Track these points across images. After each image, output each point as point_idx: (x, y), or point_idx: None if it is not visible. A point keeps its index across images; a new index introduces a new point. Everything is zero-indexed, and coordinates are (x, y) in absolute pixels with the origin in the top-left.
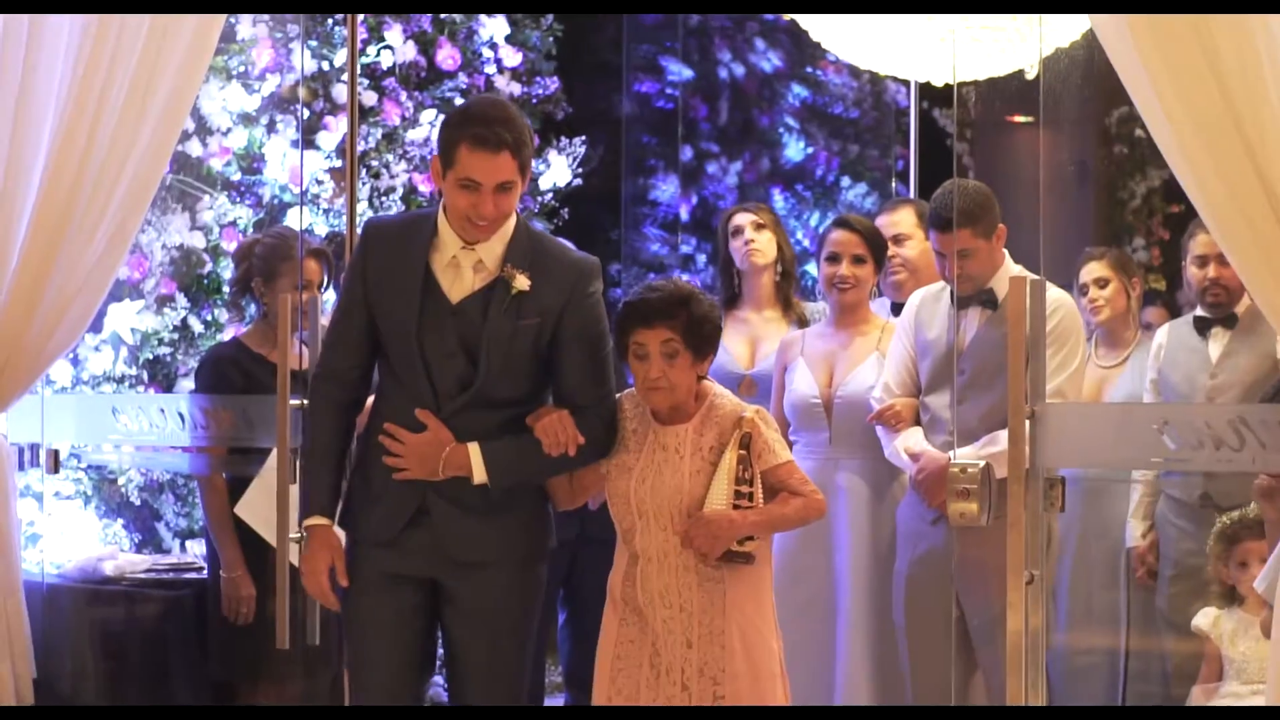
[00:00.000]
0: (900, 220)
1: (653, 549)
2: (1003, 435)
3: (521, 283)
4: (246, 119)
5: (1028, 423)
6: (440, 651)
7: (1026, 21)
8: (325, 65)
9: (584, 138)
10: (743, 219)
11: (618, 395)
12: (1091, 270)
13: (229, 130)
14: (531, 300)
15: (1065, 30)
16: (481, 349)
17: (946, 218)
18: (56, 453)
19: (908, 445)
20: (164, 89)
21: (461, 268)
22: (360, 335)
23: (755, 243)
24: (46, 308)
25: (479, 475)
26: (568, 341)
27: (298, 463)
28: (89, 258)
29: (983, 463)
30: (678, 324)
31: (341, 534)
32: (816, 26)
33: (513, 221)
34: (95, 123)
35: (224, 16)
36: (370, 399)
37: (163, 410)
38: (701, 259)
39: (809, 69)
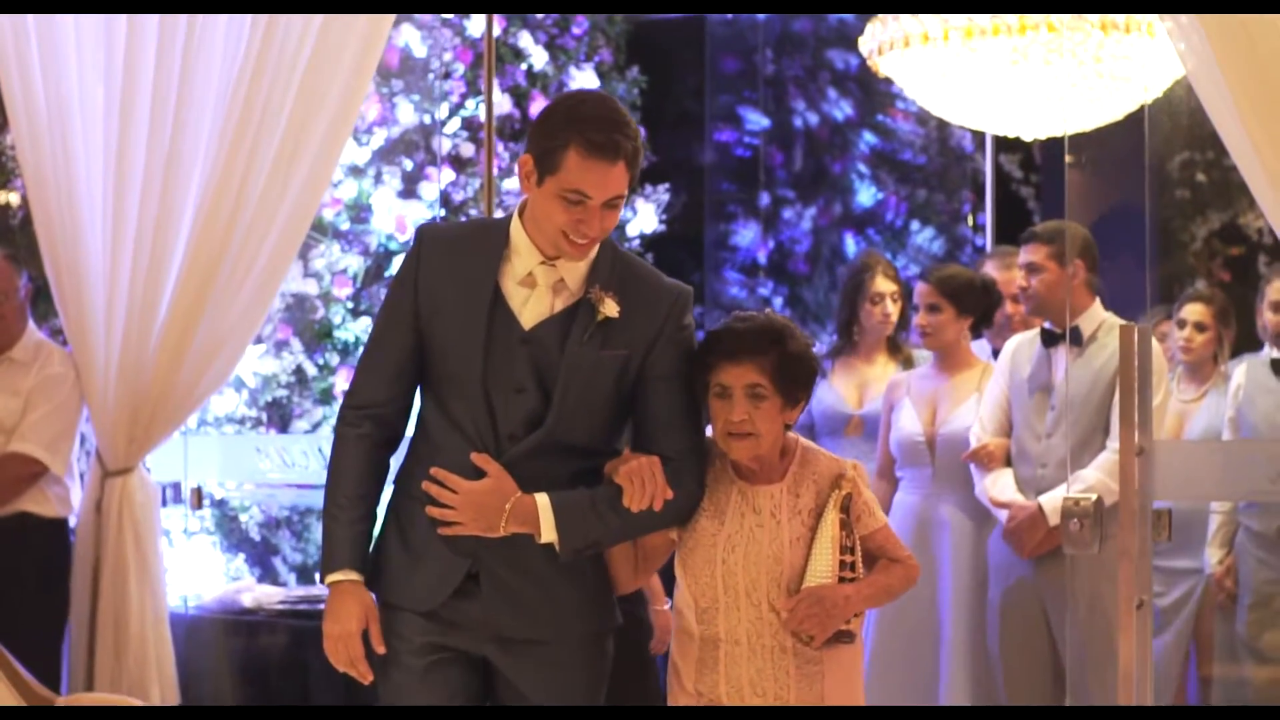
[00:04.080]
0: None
1: (741, 630)
2: (1084, 474)
3: (610, 308)
4: (355, 171)
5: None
6: None
7: (1113, 80)
8: (426, 119)
9: (668, 185)
10: (885, 288)
11: None
12: (1194, 311)
13: (339, 182)
14: (620, 329)
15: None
16: (558, 382)
17: (1031, 232)
18: (199, 490)
19: (996, 495)
20: (310, 149)
21: (539, 287)
22: (403, 361)
23: (892, 315)
24: (194, 355)
25: (547, 533)
26: (658, 380)
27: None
28: (236, 308)
29: (1095, 495)
30: (768, 362)
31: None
32: (910, 84)
33: None
34: (244, 181)
35: (370, 84)
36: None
37: (305, 451)
38: (779, 301)
39: (879, 117)
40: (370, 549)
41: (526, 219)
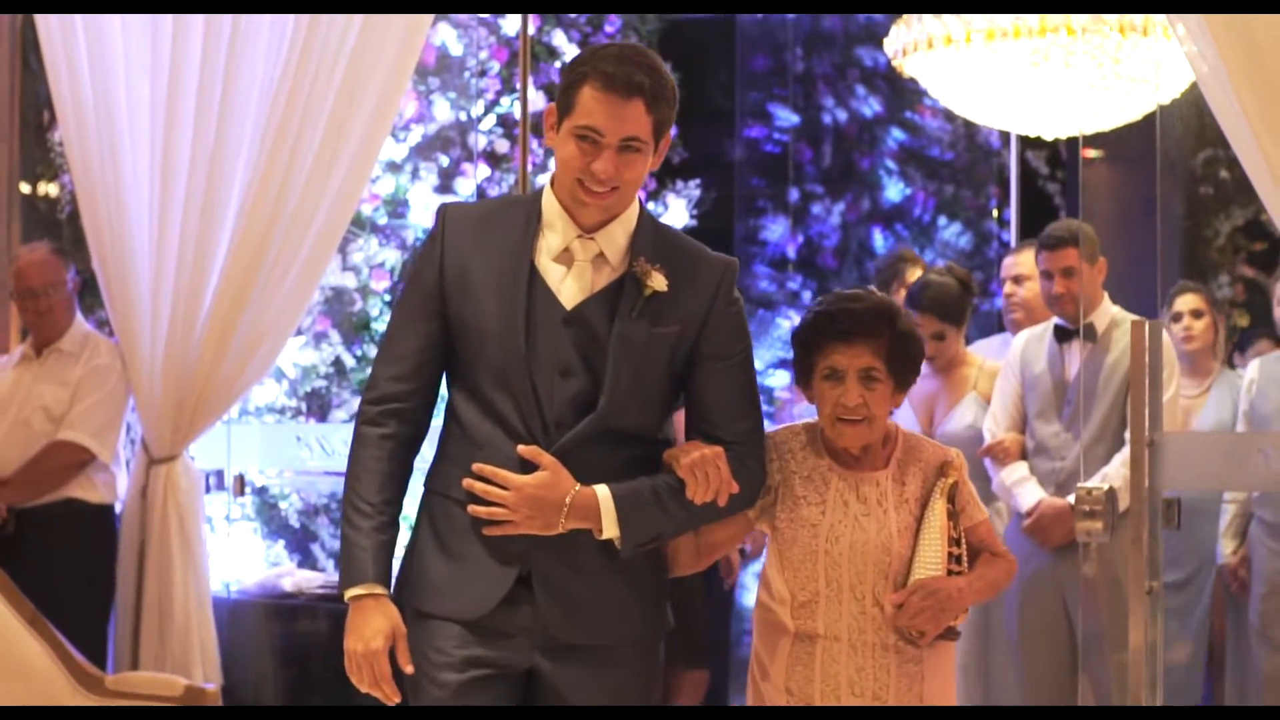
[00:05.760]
0: (1022, 261)
1: (842, 626)
2: (1108, 470)
3: (658, 281)
4: (393, 167)
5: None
6: None
7: (1132, 81)
8: (462, 116)
9: (699, 180)
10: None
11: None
12: (1188, 301)
13: (377, 178)
14: (669, 304)
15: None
16: (607, 363)
17: (1058, 236)
18: (242, 477)
19: (1016, 490)
20: (352, 144)
21: (577, 263)
22: (429, 350)
23: None
24: (237, 346)
25: (609, 528)
26: (714, 360)
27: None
28: (278, 301)
29: (1107, 486)
30: (882, 344)
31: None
32: (934, 84)
33: (636, 207)
34: (286, 177)
35: (409, 81)
36: None
37: (345, 440)
38: (807, 296)
39: (907, 113)
40: (397, 557)
41: (554, 183)
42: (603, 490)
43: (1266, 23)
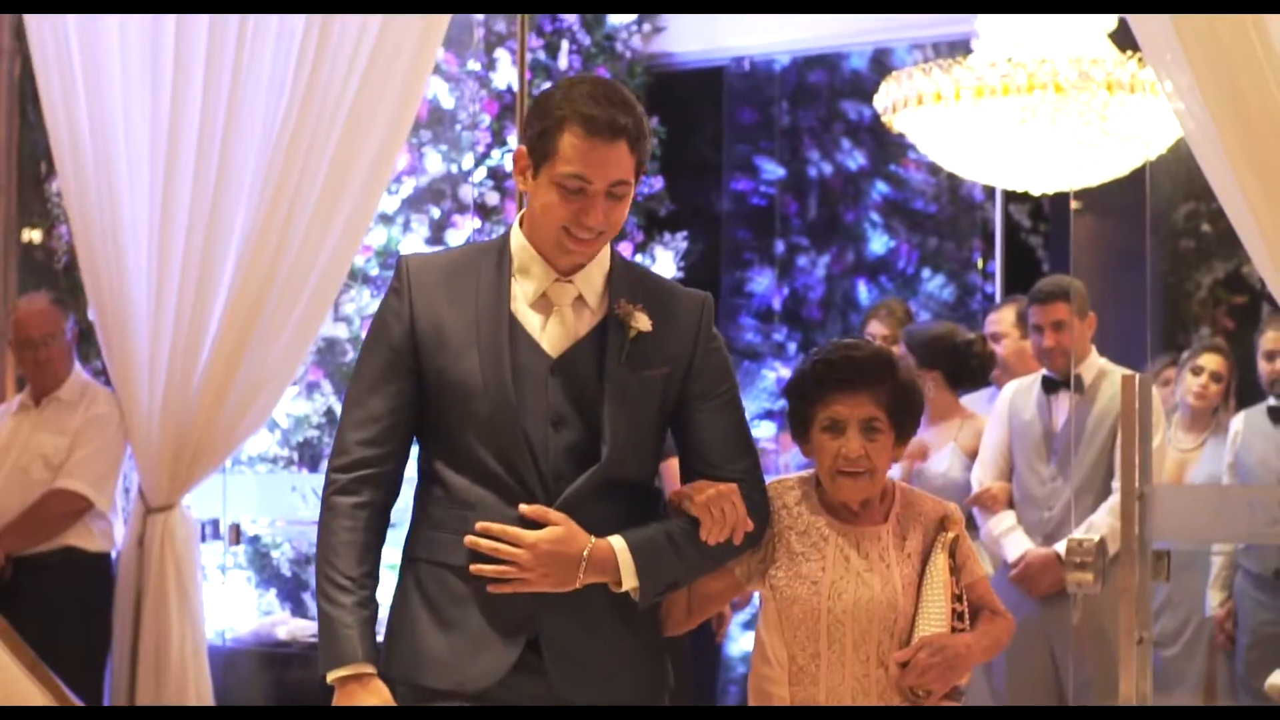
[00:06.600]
0: (1000, 319)
1: (846, 687)
2: (1094, 519)
3: (642, 322)
4: (385, 219)
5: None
6: None
7: (1119, 137)
8: (454, 168)
9: (685, 233)
10: (874, 330)
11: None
12: (1213, 361)
13: (370, 229)
14: (653, 345)
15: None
16: (604, 411)
17: (1048, 291)
18: (237, 526)
19: (1010, 549)
20: (350, 196)
21: (557, 307)
22: (402, 410)
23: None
24: (235, 396)
25: (628, 580)
26: (705, 399)
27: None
28: (276, 352)
29: (1098, 537)
30: (884, 393)
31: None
32: (923, 140)
33: (607, 247)
34: (285, 230)
35: (406, 135)
36: None
37: None
38: (792, 347)
39: (891, 167)
40: (385, 630)
41: (527, 227)
42: (619, 541)
43: (1253, 78)
